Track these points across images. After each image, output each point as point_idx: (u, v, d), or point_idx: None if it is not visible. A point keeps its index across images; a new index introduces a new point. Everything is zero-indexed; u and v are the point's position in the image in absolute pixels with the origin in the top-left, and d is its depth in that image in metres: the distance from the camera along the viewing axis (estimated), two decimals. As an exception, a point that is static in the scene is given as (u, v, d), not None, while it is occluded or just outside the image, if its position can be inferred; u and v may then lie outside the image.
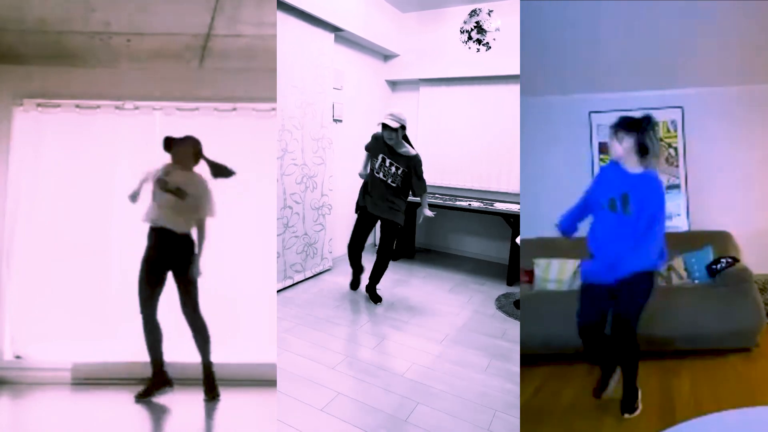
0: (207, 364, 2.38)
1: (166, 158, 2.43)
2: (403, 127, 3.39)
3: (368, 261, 3.95)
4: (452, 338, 3.13)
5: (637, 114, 1.94)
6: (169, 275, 2.36)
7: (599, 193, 2.01)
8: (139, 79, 2.67)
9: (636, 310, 1.96)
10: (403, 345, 3.01)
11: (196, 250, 2.37)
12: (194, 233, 2.38)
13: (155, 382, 2.37)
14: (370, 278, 3.80)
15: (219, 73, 2.71)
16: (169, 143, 2.41)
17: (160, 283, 2.34)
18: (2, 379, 2.51)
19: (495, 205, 4.67)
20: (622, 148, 1.92)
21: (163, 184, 2.34)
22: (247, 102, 2.74)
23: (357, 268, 3.89)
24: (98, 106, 2.67)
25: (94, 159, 2.66)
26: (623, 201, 1.92)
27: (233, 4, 2.08)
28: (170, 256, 2.34)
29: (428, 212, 3.62)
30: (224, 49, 2.50)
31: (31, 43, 2.37)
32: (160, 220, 2.33)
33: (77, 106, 2.66)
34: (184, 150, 2.40)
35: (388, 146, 3.43)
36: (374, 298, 3.78)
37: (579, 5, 2.77)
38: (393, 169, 3.45)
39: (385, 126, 3.33)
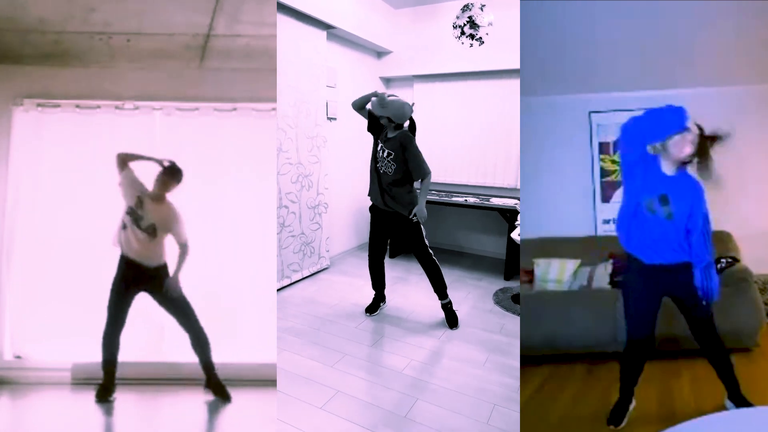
0: (209, 367, 2.37)
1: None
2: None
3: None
4: (450, 334, 3.14)
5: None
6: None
7: (640, 187, 1.82)
8: (139, 79, 2.67)
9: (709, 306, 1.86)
10: (401, 341, 3.02)
11: (173, 271, 2.31)
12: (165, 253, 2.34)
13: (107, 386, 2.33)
14: (437, 294, 3.28)
15: (219, 73, 2.71)
16: (172, 172, 2.29)
17: (129, 306, 2.31)
18: (2, 379, 2.51)
19: (491, 200, 4.67)
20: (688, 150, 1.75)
21: (136, 218, 2.27)
22: (247, 102, 2.74)
23: (379, 284, 3.45)
24: (98, 106, 2.67)
25: (93, 159, 2.66)
26: (662, 203, 1.81)
27: (233, 4, 2.08)
28: (143, 287, 2.32)
29: (421, 210, 3.00)
30: (224, 49, 2.50)
31: (31, 43, 2.37)
32: (131, 253, 2.28)
33: (77, 106, 2.66)
34: (169, 182, 2.30)
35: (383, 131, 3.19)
36: (452, 320, 3.24)
37: (579, 5, 2.76)
38: (385, 154, 3.09)
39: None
